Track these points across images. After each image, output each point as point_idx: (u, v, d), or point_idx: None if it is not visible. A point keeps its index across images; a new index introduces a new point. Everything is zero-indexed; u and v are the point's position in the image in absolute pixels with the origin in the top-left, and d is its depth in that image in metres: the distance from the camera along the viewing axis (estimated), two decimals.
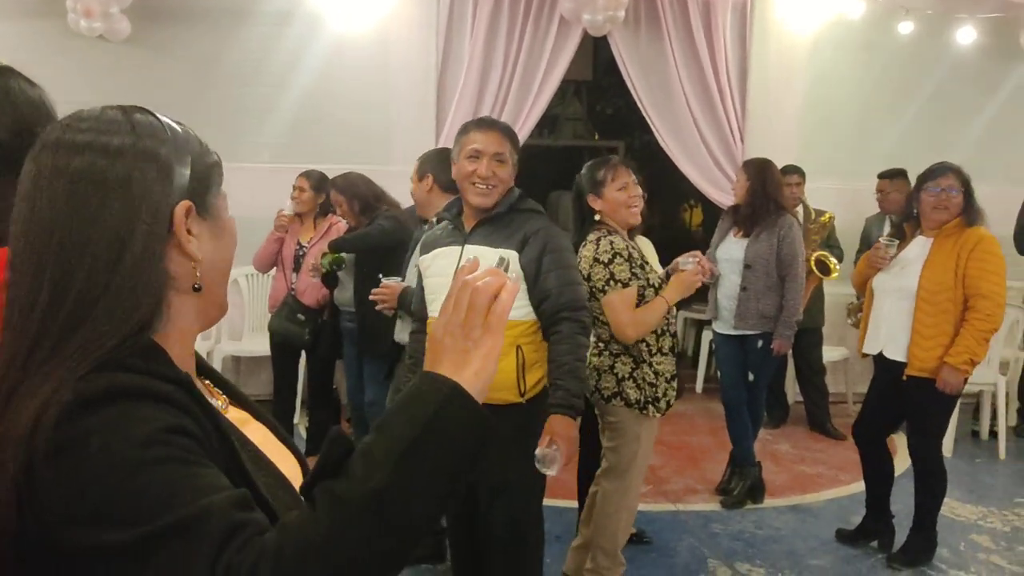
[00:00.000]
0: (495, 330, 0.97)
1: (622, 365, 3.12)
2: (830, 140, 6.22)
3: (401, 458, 0.87)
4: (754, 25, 6.02)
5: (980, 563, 3.84)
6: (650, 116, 6.07)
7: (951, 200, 3.56)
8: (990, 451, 5.37)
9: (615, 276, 3.02)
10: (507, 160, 2.65)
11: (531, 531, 2.76)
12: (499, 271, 1.00)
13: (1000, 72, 6.37)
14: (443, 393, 0.92)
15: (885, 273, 3.72)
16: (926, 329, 3.54)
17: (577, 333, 2.59)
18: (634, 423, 3.12)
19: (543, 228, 2.65)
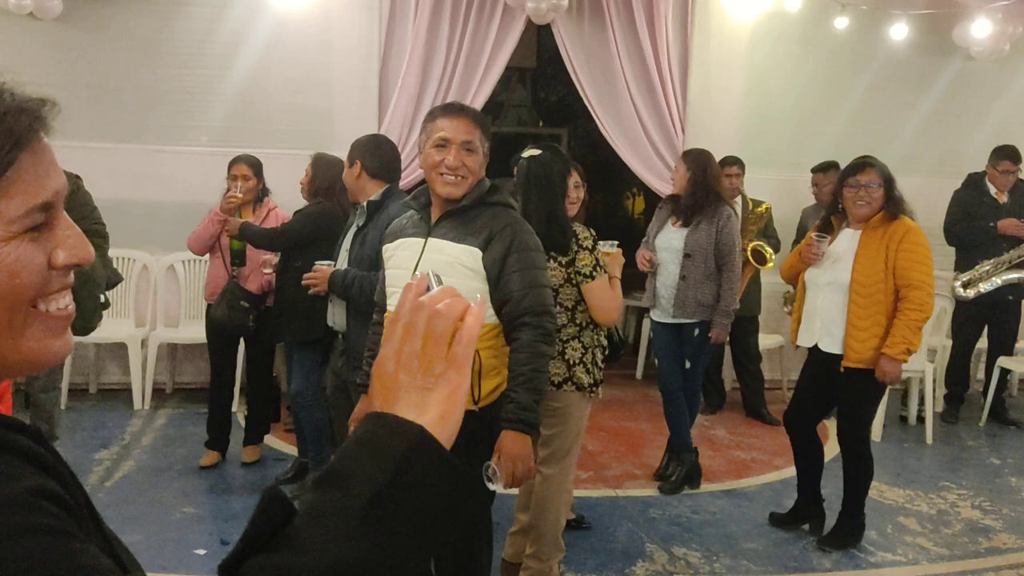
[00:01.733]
0: (461, 365, 0.80)
1: (572, 351, 3.11)
2: (768, 132, 6.33)
3: (363, 522, 0.69)
4: (695, 16, 6.09)
5: (907, 545, 3.97)
6: (592, 105, 6.11)
7: (872, 195, 3.64)
8: (918, 436, 5.55)
9: (599, 262, 3.04)
10: (477, 149, 2.47)
11: (479, 536, 2.66)
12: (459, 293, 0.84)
13: (933, 68, 6.55)
14: (408, 440, 0.74)
15: (817, 267, 3.79)
16: (860, 321, 3.63)
17: (538, 341, 2.41)
18: (579, 407, 3.15)
19: (511, 224, 2.48)
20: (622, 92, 6.06)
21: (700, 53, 6.16)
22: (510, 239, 2.44)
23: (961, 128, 6.52)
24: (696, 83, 6.16)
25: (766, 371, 6.05)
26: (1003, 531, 4.16)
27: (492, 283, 2.44)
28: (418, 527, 0.72)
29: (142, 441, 4.98)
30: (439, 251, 2.47)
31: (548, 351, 2.45)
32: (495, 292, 2.44)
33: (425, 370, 0.79)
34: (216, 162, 5.02)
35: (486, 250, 2.43)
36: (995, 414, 5.91)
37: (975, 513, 4.37)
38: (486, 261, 2.43)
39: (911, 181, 5.78)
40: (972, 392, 6.18)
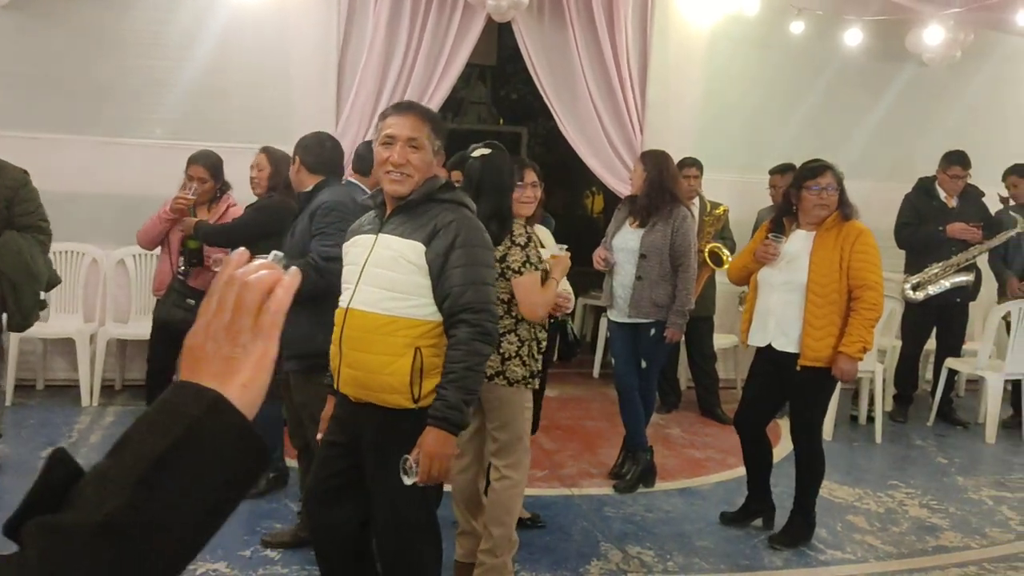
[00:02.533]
0: (268, 334, 0.81)
1: (508, 344, 3.10)
2: (726, 134, 6.39)
3: (143, 480, 0.69)
4: (655, 18, 6.12)
5: (856, 543, 4.04)
6: (552, 104, 6.11)
7: (830, 197, 3.74)
8: (867, 435, 5.64)
9: (530, 259, 3.07)
10: (424, 146, 2.47)
11: (424, 539, 2.62)
12: (274, 264, 0.86)
13: (886, 73, 6.66)
14: (201, 405, 0.75)
15: (770, 267, 3.85)
16: (817, 320, 3.70)
17: (474, 339, 2.39)
18: (516, 399, 3.15)
19: (457, 220, 2.46)
20: (582, 92, 6.08)
21: (659, 55, 6.19)
22: (454, 234, 2.44)
23: (913, 133, 6.64)
24: (655, 85, 6.20)
25: (721, 371, 6.11)
26: (949, 530, 4.25)
27: (434, 278, 2.44)
28: (204, 489, 0.73)
29: (90, 439, 4.87)
30: (387, 247, 2.48)
31: (485, 350, 2.44)
32: (436, 288, 2.44)
33: (232, 339, 0.80)
34: (170, 155, 4.94)
35: (429, 245, 2.44)
36: (943, 414, 6.03)
37: (922, 512, 4.46)
38: (429, 256, 2.43)
39: (864, 185, 5.90)
40: (921, 392, 6.30)
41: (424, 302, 2.45)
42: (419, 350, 2.44)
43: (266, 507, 4.04)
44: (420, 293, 2.45)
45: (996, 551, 4.03)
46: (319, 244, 3.17)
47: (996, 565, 3.88)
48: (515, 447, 3.19)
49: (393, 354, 2.42)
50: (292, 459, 3.98)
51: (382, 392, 2.46)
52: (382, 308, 2.45)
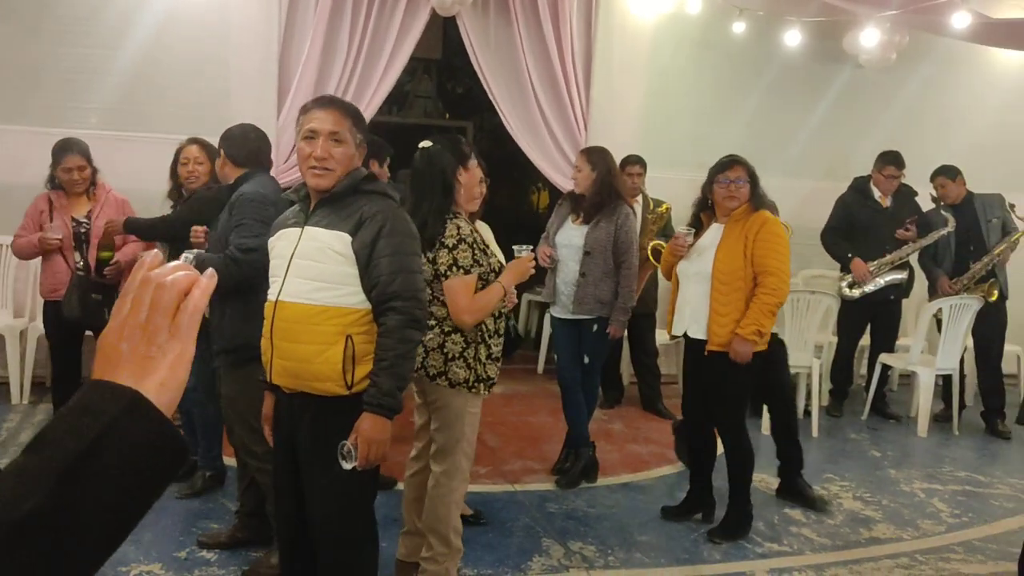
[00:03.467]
0: (184, 334, 0.82)
1: (452, 344, 3.04)
2: (670, 132, 6.45)
3: (63, 478, 0.70)
4: (599, 15, 6.15)
5: (792, 536, 4.11)
6: (496, 99, 6.10)
7: (740, 190, 3.85)
8: (804, 429, 5.71)
9: (458, 262, 2.95)
10: (346, 139, 2.51)
11: (360, 527, 2.64)
12: (189, 265, 0.86)
13: (825, 74, 6.79)
14: (120, 403, 0.76)
15: (686, 260, 3.98)
16: (722, 307, 3.81)
17: (404, 326, 2.43)
18: (457, 402, 3.07)
19: (382, 211, 2.50)
20: (526, 87, 6.08)
21: (603, 52, 6.22)
22: (380, 224, 2.47)
23: (850, 134, 6.78)
24: (599, 82, 6.22)
25: (663, 366, 6.18)
26: (882, 522, 4.35)
27: (362, 268, 2.47)
28: (123, 487, 0.73)
29: (19, 437, 4.72)
30: (313, 238, 2.50)
31: (416, 336, 2.48)
32: (364, 277, 2.47)
33: (148, 340, 0.80)
34: (104, 146, 4.80)
35: (356, 235, 2.47)
36: (877, 408, 6.18)
37: (856, 504, 4.56)
38: (355, 246, 2.46)
39: (803, 184, 6.03)
40: (856, 387, 6.45)
41: (352, 291, 2.48)
42: (350, 338, 2.47)
43: (203, 507, 3.96)
44: (348, 282, 2.48)
45: (928, 543, 4.14)
46: (237, 236, 3.14)
47: (927, 556, 3.98)
48: (452, 452, 3.11)
49: (324, 343, 2.45)
50: (230, 457, 3.91)
51: (315, 381, 2.49)
52: (311, 298, 2.47)
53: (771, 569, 3.76)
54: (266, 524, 3.43)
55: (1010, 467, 5.25)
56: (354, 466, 2.43)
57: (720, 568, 3.74)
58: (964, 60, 7.03)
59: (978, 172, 6.14)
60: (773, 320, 3.81)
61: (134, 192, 4.72)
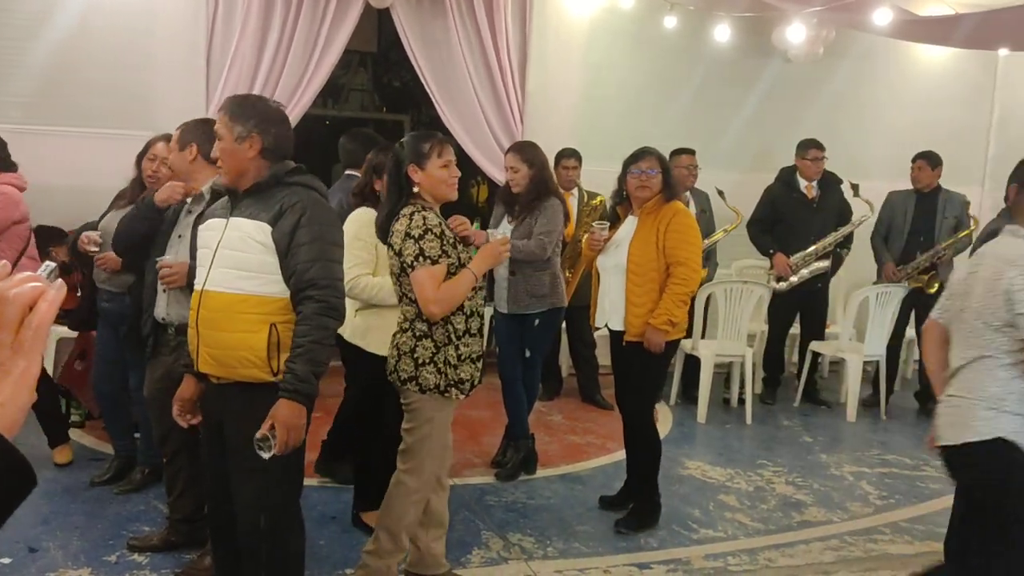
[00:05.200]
0: (29, 350, 0.77)
1: (423, 349, 2.96)
2: (604, 125, 6.50)
3: None
4: (533, 9, 6.16)
5: (727, 521, 4.19)
6: (433, 92, 6.08)
7: (651, 180, 3.89)
8: (739, 417, 5.87)
9: (424, 252, 2.88)
10: (222, 135, 2.63)
11: (283, 519, 2.66)
12: (41, 276, 0.82)
13: (754, 68, 6.91)
14: None
15: (604, 253, 4.03)
16: (637, 298, 3.87)
17: (320, 314, 2.48)
18: (428, 406, 3.00)
19: (302, 200, 2.55)
20: (463, 81, 6.06)
21: (539, 46, 6.24)
22: (300, 213, 2.52)
23: (778, 126, 6.90)
24: (535, 75, 6.25)
25: (601, 358, 6.21)
26: (813, 505, 4.46)
27: (281, 256, 2.52)
28: None
29: None
30: (236, 228, 2.56)
31: (331, 324, 2.52)
32: (283, 266, 2.52)
33: None
34: (22, 141, 4.64)
35: (275, 225, 2.52)
36: (808, 395, 6.33)
37: (788, 489, 4.67)
38: (275, 235, 2.51)
39: (732, 176, 6.13)
40: (788, 375, 6.60)
41: (274, 279, 2.53)
42: (274, 326, 2.52)
43: (134, 509, 3.88)
44: (269, 271, 2.53)
45: (856, 524, 4.26)
46: None
47: (856, 538, 4.10)
48: (417, 453, 3.05)
49: (248, 331, 2.50)
50: None
51: (241, 368, 2.54)
52: (234, 287, 2.53)
53: (707, 555, 3.83)
54: (199, 529, 3.37)
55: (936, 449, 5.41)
56: (273, 454, 2.44)
57: (657, 555, 3.80)
58: (888, 55, 7.23)
59: (900, 163, 6.32)
60: (685, 309, 3.86)
61: (62, 188, 4.58)
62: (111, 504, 3.93)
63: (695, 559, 3.77)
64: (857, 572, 3.75)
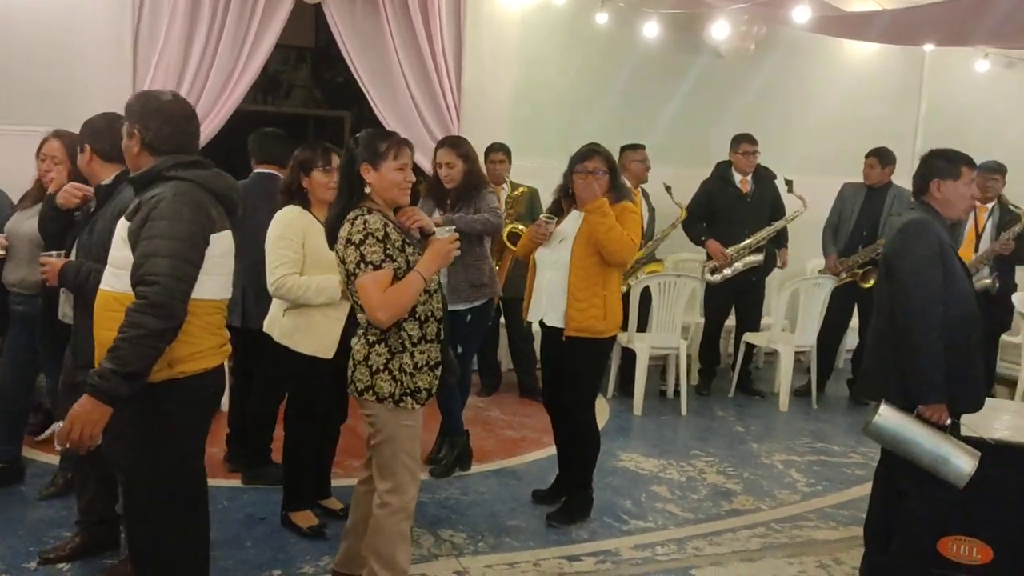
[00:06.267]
0: None
1: (376, 356, 2.86)
2: (540, 120, 6.53)
3: None
4: (467, 5, 6.15)
5: (658, 512, 4.25)
6: (368, 88, 6.04)
7: (598, 180, 3.89)
8: (674, 409, 5.94)
9: (365, 258, 2.76)
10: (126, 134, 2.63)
11: (158, 513, 2.57)
12: None
13: (687, 64, 6.99)
14: None
15: (545, 247, 4.02)
16: (580, 293, 3.88)
17: (138, 311, 2.35)
18: (391, 418, 2.88)
19: (159, 194, 2.46)
20: (397, 77, 6.03)
21: (473, 41, 6.24)
22: (151, 208, 2.44)
23: (711, 121, 7.00)
24: (470, 72, 6.24)
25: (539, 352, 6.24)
26: (742, 494, 4.55)
27: (133, 252, 2.46)
28: None
29: None
30: (120, 225, 2.54)
31: (150, 322, 2.35)
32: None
33: None
34: None
35: (132, 220, 2.48)
36: (742, 386, 6.44)
37: (719, 478, 4.75)
38: (131, 230, 2.46)
39: (666, 171, 6.20)
40: (723, 366, 6.70)
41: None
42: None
43: (56, 515, 3.79)
44: (129, 268, 2.46)
45: (784, 511, 4.36)
46: None
47: (783, 525, 4.19)
48: (394, 469, 2.90)
49: (114, 329, 2.40)
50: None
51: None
52: (108, 285, 2.53)
53: (636, 545, 3.88)
54: (115, 529, 3.32)
55: (861, 437, 5.44)
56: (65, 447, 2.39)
57: (588, 547, 3.84)
58: (818, 50, 7.38)
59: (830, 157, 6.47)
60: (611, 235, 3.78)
61: None
62: (31, 510, 3.84)
63: (624, 550, 3.82)
64: (782, 558, 3.83)
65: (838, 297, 6.18)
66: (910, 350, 3.11)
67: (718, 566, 3.72)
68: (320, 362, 3.67)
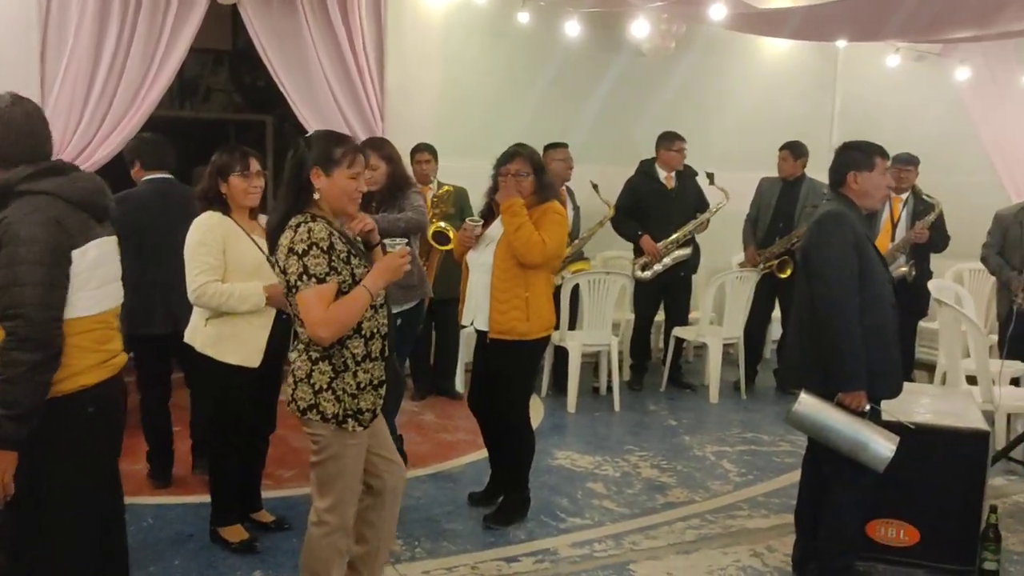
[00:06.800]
0: None
1: (319, 374, 2.71)
2: (464, 120, 6.49)
3: None
4: (388, 4, 6.08)
5: (594, 508, 4.26)
6: (289, 91, 5.92)
7: (521, 183, 3.88)
8: (607, 405, 5.98)
9: (309, 270, 2.59)
10: None
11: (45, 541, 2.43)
12: None
13: (609, 62, 7.04)
14: None
15: (475, 250, 4.00)
16: (502, 295, 3.87)
17: (10, 348, 2.21)
18: (335, 439, 2.74)
19: (8, 216, 2.28)
20: (318, 79, 5.92)
21: (395, 41, 6.17)
22: (2, 232, 2.27)
23: (633, 119, 7.06)
24: (393, 72, 6.17)
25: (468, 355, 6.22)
26: (676, 487, 4.59)
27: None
28: None
29: None
30: None
31: (24, 358, 2.22)
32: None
33: None
34: None
35: None
36: (673, 379, 6.52)
37: (653, 472, 4.79)
38: None
39: (592, 169, 6.23)
40: (654, 361, 6.78)
41: None
42: None
43: None
44: None
45: (717, 502, 4.42)
46: None
47: (716, 515, 4.25)
48: (333, 487, 2.79)
49: None
50: None
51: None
52: None
53: (574, 543, 3.88)
54: None
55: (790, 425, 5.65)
56: None
57: (525, 548, 3.83)
58: (735, 48, 7.51)
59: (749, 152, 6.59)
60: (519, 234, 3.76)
61: None
62: None
63: (562, 548, 3.82)
64: (716, 549, 3.88)
65: (760, 289, 6.31)
66: (829, 339, 3.19)
67: (655, 560, 3.74)
68: (245, 371, 3.57)
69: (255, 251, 3.58)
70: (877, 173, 3.37)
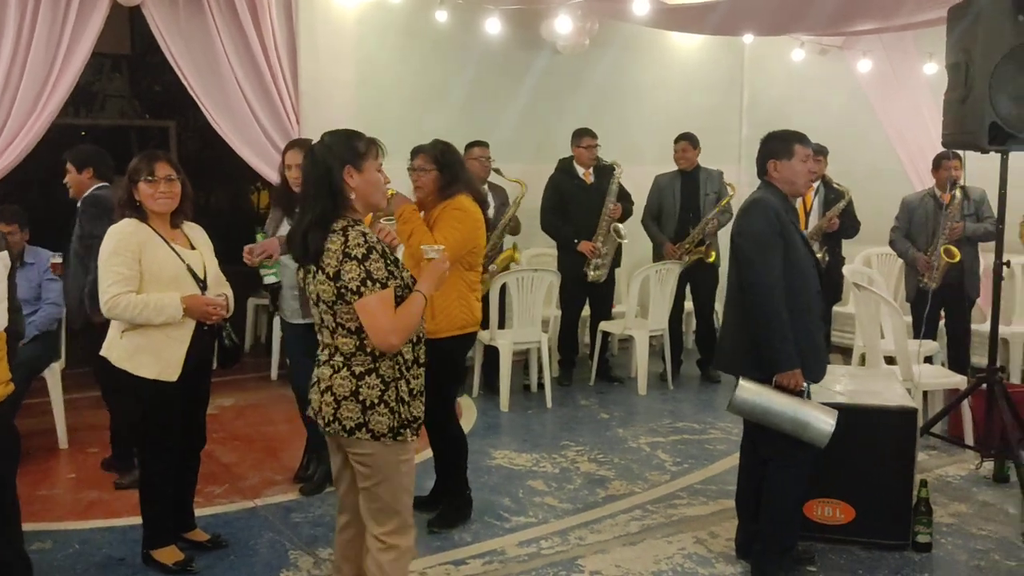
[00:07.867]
0: None
1: (368, 389, 2.57)
2: (382, 120, 6.35)
3: None
4: (299, 4, 5.94)
5: (537, 506, 4.25)
6: (198, 95, 5.71)
7: (421, 178, 3.84)
8: (539, 402, 5.99)
9: (372, 275, 2.49)
10: None
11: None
12: None
13: (526, 60, 7.06)
14: None
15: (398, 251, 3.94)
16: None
17: None
18: (388, 455, 2.62)
19: None
20: (229, 82, 5.74)
21: (308, 41, 6.04)
22: None
23: (552, 116, 7.10)
24: (307, 72, 6.03)
25: None
26: (616, 479, 4.62)
27: None
28: None
29: None
30: None
31: None
32: None
33: None
34: None
35: None
36: (601, 373, 6.57)
37: (592, 466, 4.81)
38: None
39: (515, 167, 6.23)
40: (582, 356, 6.82)
41: None
42: None
43: None
44: None
45: (657, 492, 4.46)
46: None
47: (657, 505, 4.29)
48: (397, 509, 2.69)
49: None
50: None
51: None
52: None
53: (521, 542, 3.86)
54: None
55: (719, 412, 5.78)
56: None
57: (472, 550, 3.78)
58: (648, 44, 7.63)
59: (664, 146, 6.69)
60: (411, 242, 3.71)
61: None
62: None
63: (509, 548, 3.79)
64: (661, 538, 3.91)
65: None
66: (759, 323, 3.26)
67: (603, 553, 3.75)
68: (167, 386, 3.41)
69: (174, 260, 3.43)
70: (797, 160, 3.45)
